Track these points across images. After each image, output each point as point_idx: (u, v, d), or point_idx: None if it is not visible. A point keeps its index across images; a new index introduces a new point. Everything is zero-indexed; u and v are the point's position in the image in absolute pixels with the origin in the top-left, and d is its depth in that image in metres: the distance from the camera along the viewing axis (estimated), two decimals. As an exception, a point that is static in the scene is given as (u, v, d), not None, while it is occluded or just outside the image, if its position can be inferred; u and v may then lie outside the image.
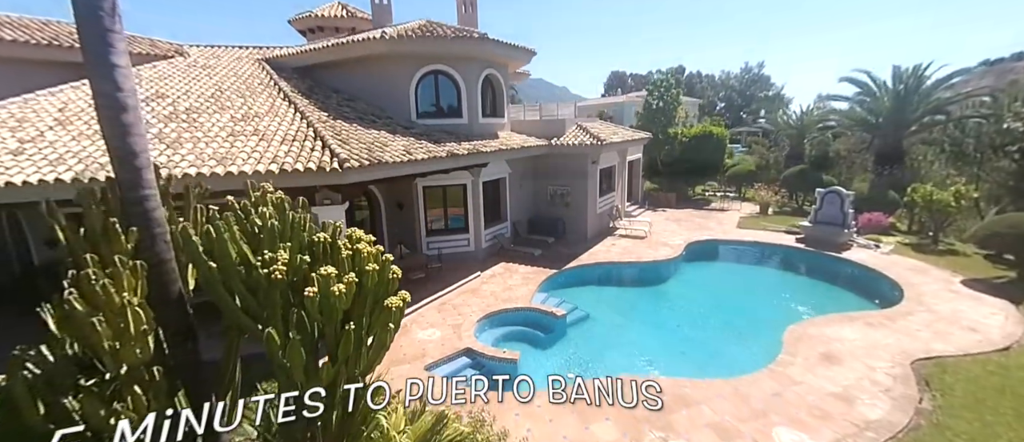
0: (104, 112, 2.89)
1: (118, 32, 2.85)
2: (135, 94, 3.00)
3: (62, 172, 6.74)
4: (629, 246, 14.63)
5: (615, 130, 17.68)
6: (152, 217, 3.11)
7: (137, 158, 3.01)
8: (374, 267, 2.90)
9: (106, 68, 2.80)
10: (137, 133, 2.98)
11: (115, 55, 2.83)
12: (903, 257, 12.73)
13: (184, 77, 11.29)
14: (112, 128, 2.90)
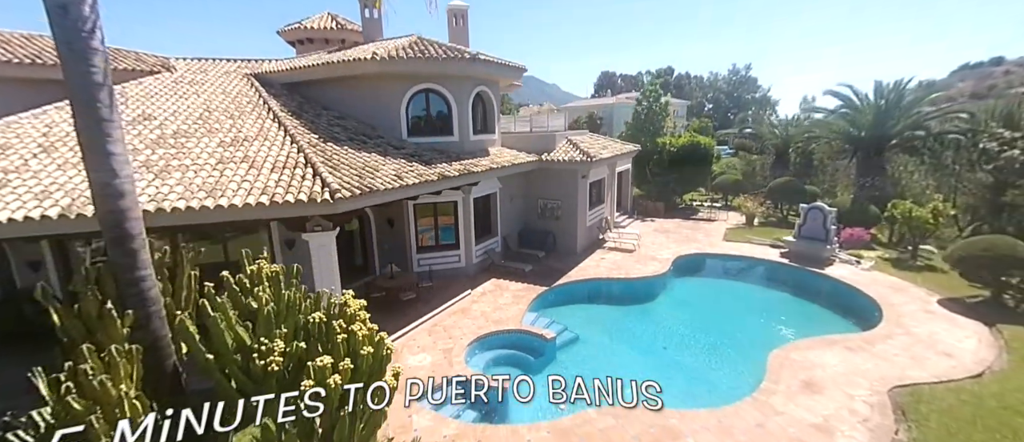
0: (101, 198, 2.91)
1: (115, 121, 2.87)
2: (132, 179, 3.02)
3: (48, 207, 6.67)
4: (618, 260, 14.82)
5: (605, 144, 17.85)
6: (147, 297, 3.14)
7: (134, 241, 3.03)
8: (368, 350, 2.96)
9: (103, 156, 2.83)
10: (134, 217, 3.01)
11: (111, 144, 2.86)
12: (883, 274, 13.08)
13: (171, 95, 11.17)
14: (109, 213, 2.92)
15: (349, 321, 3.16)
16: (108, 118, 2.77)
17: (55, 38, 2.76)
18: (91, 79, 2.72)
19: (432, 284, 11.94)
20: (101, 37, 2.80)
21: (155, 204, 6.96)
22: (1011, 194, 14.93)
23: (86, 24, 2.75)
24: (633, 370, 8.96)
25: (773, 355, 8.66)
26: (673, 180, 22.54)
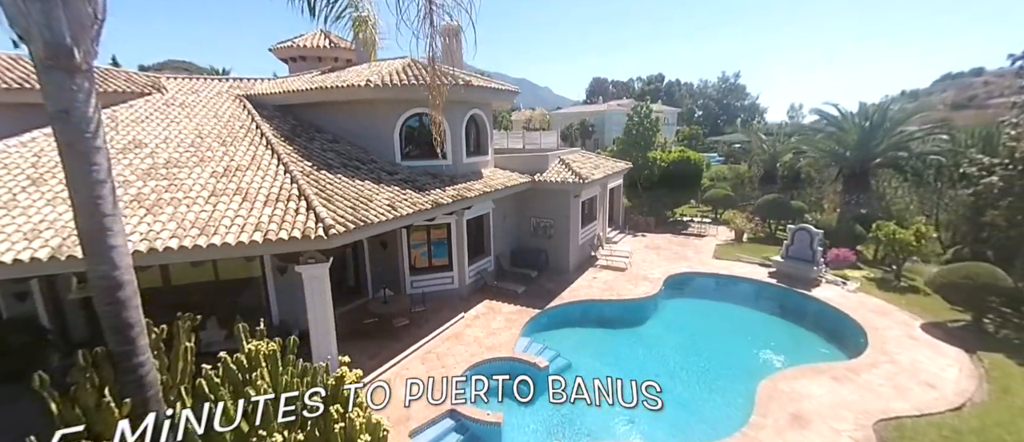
0: (101, 291, 2.93)
1: (116, 215, 2.90)
2: (131, 269, 3.04)
3: (37, 249, 6.59)
4: (610, 280, 14.95)
5: (597, 163, 18.01)
6: (146, 382, 3.16)
7: (132, 329, 3.05)
8: (366, 439, 3.01)
9: (103, 251, 2.85)
10: (134, 306, 3.03)
11: (112, 237, 2.88)
12: (868, 296, 13.37)
13: (162, 119, 11.08)
14: (109, 306, 2.94)
15: (345, 403, 3.20)
16: (110, 212, 2.79)
17: (56, 138, 2.78)
18: (93, 177, 2.74)
19: (425, 308, 11.96)
20: (103, 135, 2.82)
21: (147, 244, 6.92)
22: (990, 214, 15.34)
23: (89, 125, 2.78)
24: (625, 401, 9.07)
25: (762, 385, 8.82)
26: (664, 195, 22.79)
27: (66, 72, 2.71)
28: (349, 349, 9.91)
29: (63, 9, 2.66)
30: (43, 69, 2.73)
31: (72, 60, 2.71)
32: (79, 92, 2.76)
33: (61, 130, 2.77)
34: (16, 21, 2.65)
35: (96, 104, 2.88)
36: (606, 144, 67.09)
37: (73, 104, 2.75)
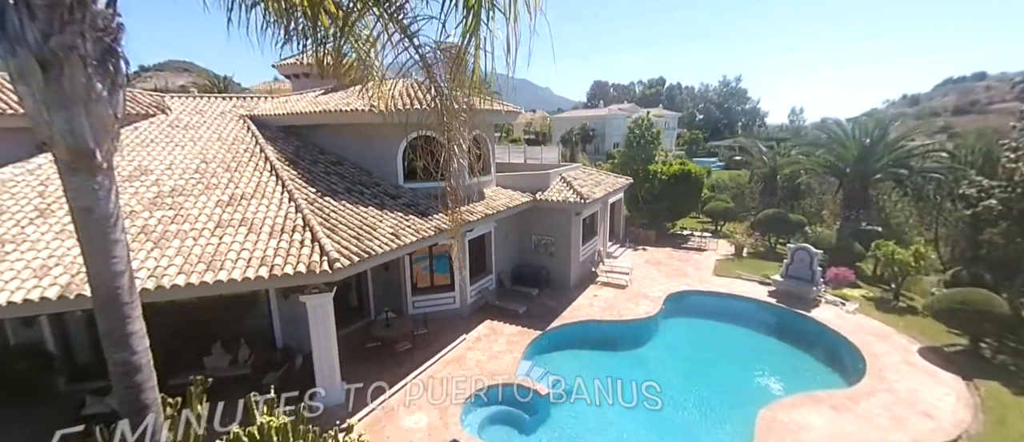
0: (118, 376, 3.02)
1: (134, 302, 2.99)
2: (148, 352, 3.13)
3: (47, 287, 6.69)
4: (610, 298, 15.04)
5: (598, 179, 18.10)
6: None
7: (149, 409, 3.14)
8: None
9: (122, 341, 2.94)
10: (150, 386, 3.13)
11: (131, 323, 2.97)
12: (866, 317, 13.46)
13: (167, 143, 11.18)
14: (127, 390, 3.03)
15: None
16: (129, 300, 2.89)
17: (77, 233, 2.87)
18: (113, 270, 2.84)
19: (427, 330, 12.04)
20: (123, 226, 2.92)
21: (154, 281, 7.02)
22: (989, 232, 15.45)
23: (110, 220, 2.87)
24: (625, 430, 9.19)
25: (761, 415, 8.91)
26: (664, 207, 22.87)
27: (88, 173, 2.81)
28: (352, 374, 10.01)
29: (86, 115, 2.76)
30: (66, 171, 2.83)
31: (94, 161, 2.81)
32: (100, 190, 2.86)
33: (83, 225, 2.86)
34: (40, 129, 2.75)
35: (116, 196, 2.98)
36: (607, 148, 67.39)
37: (95, 202, 2.85)
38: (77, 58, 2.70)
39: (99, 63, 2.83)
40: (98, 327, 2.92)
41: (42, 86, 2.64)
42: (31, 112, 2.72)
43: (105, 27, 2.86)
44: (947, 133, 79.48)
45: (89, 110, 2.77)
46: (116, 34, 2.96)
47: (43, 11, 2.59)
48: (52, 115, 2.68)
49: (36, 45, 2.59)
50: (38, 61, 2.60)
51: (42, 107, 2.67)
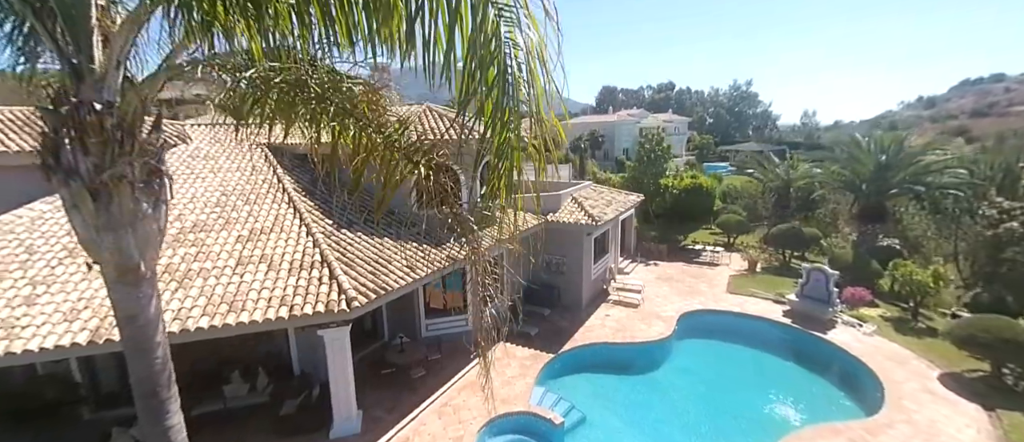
0: (147, 413, 3.16)
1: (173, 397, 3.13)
2: (176, 393, 3.27)
3: (77, 331, 6.92)
4: (623, 318, 15.03)
5: (610, 199, 18.10)
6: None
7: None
8: None
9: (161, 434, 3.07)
10: (177, 423, 3.25)
11: (169, 417, 3.11)
12: (884, 340, 13.28)
13: (188, 175, 11.46)
14: (153, 425, 3.16)
15: None
16: (166, 396, 3.02)
17: (122, 338, 3.03)
18: (153, 368, 2.99)
19: (441, 354, 12.16)
20: (164, 329, 3.07)
21: (179, 324, 7.22)
22: (1011, 251, 15.17)
23: (152, 326, 3.02)
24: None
25: (777, 449, 8.86)
26: (676, 222, 22.80)
27: (134, 286, 2.96)
28: (368, 401, 10.19)
29: (132, 233, 2.91)
30: (112, 285, 2.98)
31: (139, 273, 2.96)
32: (143, 297, 3.01)
33: (127, 331, 3.01)
34: (89, 250, 2.90)
35: (158, 299, 3.12)
36: (616, 154, 67.19)
37: (139, 310, 3.00)
38: (126, 184, 2.86)
39: (145, 184, 2.99)
40: (130, 377, 3.04)
41: (93, 213, 2.80)
42: (81, 235, 2.87)
43: (151, 150, 3.01)
44: (965, 136, 78.13)
45: (135, 229, 2.92)
46: (160, 153, 3.11)
47: (95, 146, 2.75)
48: (101, 237, 2.83)
49: (88, 177, 2.75)
50: (89, 191, 2.75)
51: (92, 231, 2.83)
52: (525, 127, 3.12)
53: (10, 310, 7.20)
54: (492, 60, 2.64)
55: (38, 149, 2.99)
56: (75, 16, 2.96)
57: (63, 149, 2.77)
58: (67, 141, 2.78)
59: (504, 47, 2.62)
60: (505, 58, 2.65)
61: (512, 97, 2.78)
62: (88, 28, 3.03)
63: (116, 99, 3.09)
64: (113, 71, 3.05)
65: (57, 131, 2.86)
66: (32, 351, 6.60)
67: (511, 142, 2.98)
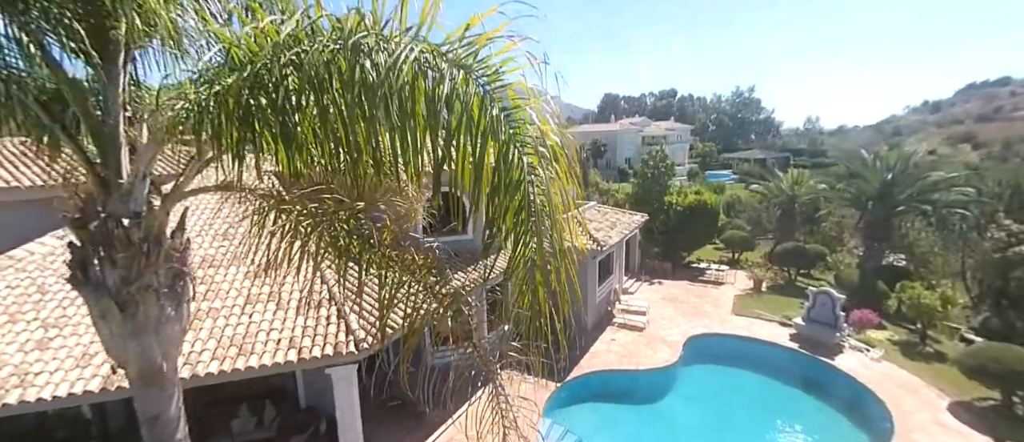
0: None
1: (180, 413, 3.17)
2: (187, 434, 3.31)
3: (89, 378, 6.97)
4: (628, 343, 14.99)
5: (614, 220, 18.12)
6: None
7: None
8: None
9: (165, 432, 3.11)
10: None
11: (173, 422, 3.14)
12: (893, 365, 13.19)
13: (196, 207, 11.55)
14: None
15: None
16: (177, 437, 3.06)
17: (143, 433, 3.07)
18: (167, 424, 3.03)
19: (448, 384, 12.13)
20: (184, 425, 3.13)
21: (189, 369, 7.26)
22: (1021, 271, 15.07)
23: (174, 422, 3.07)
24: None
25: (787, 487, 8.80)
26: (680, 238, 22.75)
27: (157, 387, 3.02)
28: (375, 436, 10.18)
29: (156, 337, 2.97)
30: (135, 388, 3.03)
31: (162, 375, 3.02)
32: (164, 397, 3.06)
33: (149, 430, 3.07)
34: (114, 356, 2.96)
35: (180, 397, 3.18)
36: (618, 163, 67.25)
37: (162, 410, 3.05)
38: (151, 292, 2.91)
39: (169, 288, 3.05)
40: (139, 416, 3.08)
41: (119, 323, 2.86)
42: (107, 343, 2.93)
43: (175, 254, 3.08)
44: (972, 142, 77.77)
45: (159, 333, 2.98)
46: (184, 255, 3.17)
47: (123, 259, 2.81)
48: (126, 344, 2.89)
49: (115, 289, 2.81)
50: (116, 303, 2.81)
51: (118, 339, 2.88)
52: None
53: (23, 355, 7.27)
54: (516, 191, 2.70)
55: (67, 262, 3.06)
56: (104, 133, 3.04)
57: (91, 265, 2.83)
58: (96, 258, 2.84)
59: (527, 179, 2.66)
60: (528, 189, 2.70)
61: (535, 229, 2.82)
62: (117, 144, 3.11)
63: (143, 208, 3.16)
64: (140, 182, 3.12)
65: (85, 243, 2.91)
66: (45, 399, 6.65)
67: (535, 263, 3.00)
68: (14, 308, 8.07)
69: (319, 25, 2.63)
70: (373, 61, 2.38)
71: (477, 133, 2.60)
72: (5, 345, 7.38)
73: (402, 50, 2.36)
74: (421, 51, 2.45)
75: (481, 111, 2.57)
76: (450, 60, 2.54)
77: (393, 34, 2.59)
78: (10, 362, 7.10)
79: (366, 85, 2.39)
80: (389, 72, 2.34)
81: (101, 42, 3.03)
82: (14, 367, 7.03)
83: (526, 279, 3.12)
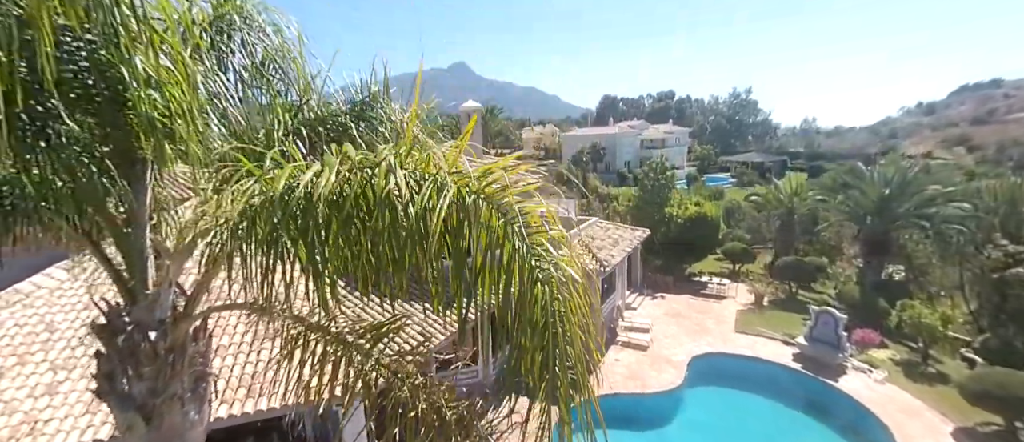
0: None
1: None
2: None
3: (99, 425, 6.94)
4: (632, 363, 15.04)
5: (616, 237, 18.15)
6: None
7: None
8: None
9: None
10: None
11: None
12: (896, 388, 13.28)
13: (201, 235, 11.53)
14: None
15: None
16: None
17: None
18: None
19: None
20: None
21: (200, 414, 7.25)
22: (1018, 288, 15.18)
23: None
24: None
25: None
26: (681, 251, 22.82)
27: None
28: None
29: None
30: None
31: None
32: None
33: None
34: None
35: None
36: (617, 167, 67.33)
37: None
38: (176, 400, 2.92)
39: (193, 391, 3.05)
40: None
41: (144, 434, 2.86)
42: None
43: (199, 358, 3.08)
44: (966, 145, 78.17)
45: (183, 438, 2.99)
46: (206, 356, 3.18)
47: (149, 371, 2.82)
48: None
49: (141, 401, 2.81)
50: (142, 416, 2.82)
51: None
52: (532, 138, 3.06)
53: (33, 400, 7.24)
54: (544, 332, 2.72)
55: (93, 374, 3.06)
56: (130, 244, 3.04)
57: (118, 376, 2.84)
58: (123, 374, 2.84)
59: (549, 307, 2.68)
60: (556, 326, 2.71)
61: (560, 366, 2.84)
62: (143, 255, 3.11)
63: (168, 315, 3.16)
64: (165, 290, 3.12)
65: (111, 355, 2.92)
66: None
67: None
68: (23, 348, 8.04)
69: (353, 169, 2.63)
70: (405, 213, 2.40)
71: (502, 271, 2.62)
72: (16, 390, 7.36)
73: (436, 200, 2.38)
74: (452, 199, 2.46)
75: (509, 247, 2.59)
76: (476, 195, 2.56)
77: (424, 176, 2.62)
78: (20, 408, 7.07)
79: (395, 230, 2.41)
80: (420, 221, 2.36)
81: (129, 162, 3.04)
82: (24, 414, 7.00)
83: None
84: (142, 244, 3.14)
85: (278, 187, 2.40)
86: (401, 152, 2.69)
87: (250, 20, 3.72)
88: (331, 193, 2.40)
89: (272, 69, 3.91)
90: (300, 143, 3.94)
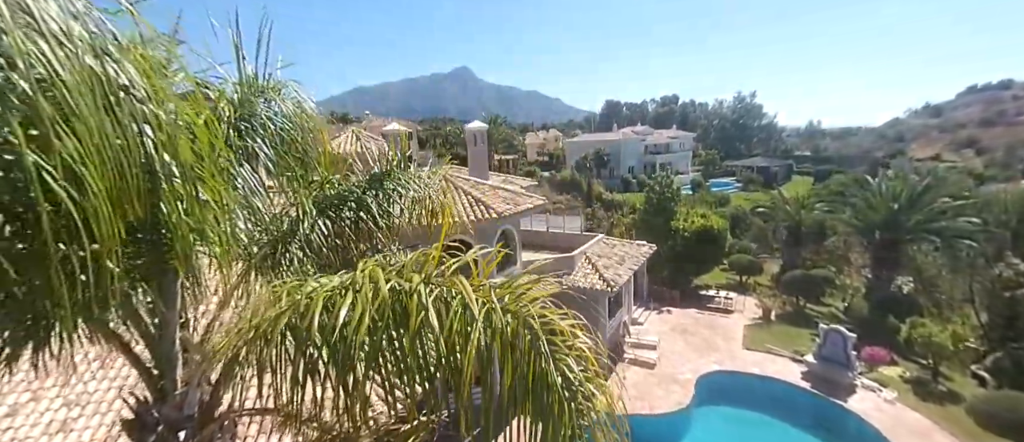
0: None
1: None
2: None
3: (114, 464, 7.03)
4: (639, 381, 15.00)
5: (623, 255, 18.11)
6: None
7: None
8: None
9: None
10: None
11: None
12: (905, 408, 13.17)
13: (211, 261, 11.64)
14: None
15: None
16: None
17: None
18: None
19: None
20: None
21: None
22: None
23: None
24: None
25: None
26: (688, 263, 22.76)
27: None
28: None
29: None
30: None
31: None
32: None
33: None
34: None
35: None
36: (621, 173, 67.19)
37: None
38: None
39: None
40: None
41: None
42: None
43: None
44: (975, 148, 77.49)
45: None
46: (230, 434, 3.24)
47: None
48: None
49: None
50: None
51: None
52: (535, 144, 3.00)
53: (48, 438, 7.34)
54: None
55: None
56: (160, 346, 3.11)
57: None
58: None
59: None
60: None
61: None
62: (173, 356, 3.19)
63: (195, 411, 3.23)
64: (194, 389, 3.19)
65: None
66: (71, 490, 6.71)
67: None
68: (36, 384, 8.15)
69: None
70: (434, 335, 2.48)
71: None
72: (30, 427, 7.47)
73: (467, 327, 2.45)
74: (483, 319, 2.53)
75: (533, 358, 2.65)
76: (503, 309, 2.62)
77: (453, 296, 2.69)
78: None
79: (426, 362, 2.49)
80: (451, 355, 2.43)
81: (161, 272, 3.09)
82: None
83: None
84: (171, 346, 3.21)
85: (315, 312, 2.46)
86: (429, 272, 2.77)
87: (272, 104, 3.79)
88: (365, 329, 2.46)
89: (293, 153, 3.98)
90: (323, 223, 4.03)
